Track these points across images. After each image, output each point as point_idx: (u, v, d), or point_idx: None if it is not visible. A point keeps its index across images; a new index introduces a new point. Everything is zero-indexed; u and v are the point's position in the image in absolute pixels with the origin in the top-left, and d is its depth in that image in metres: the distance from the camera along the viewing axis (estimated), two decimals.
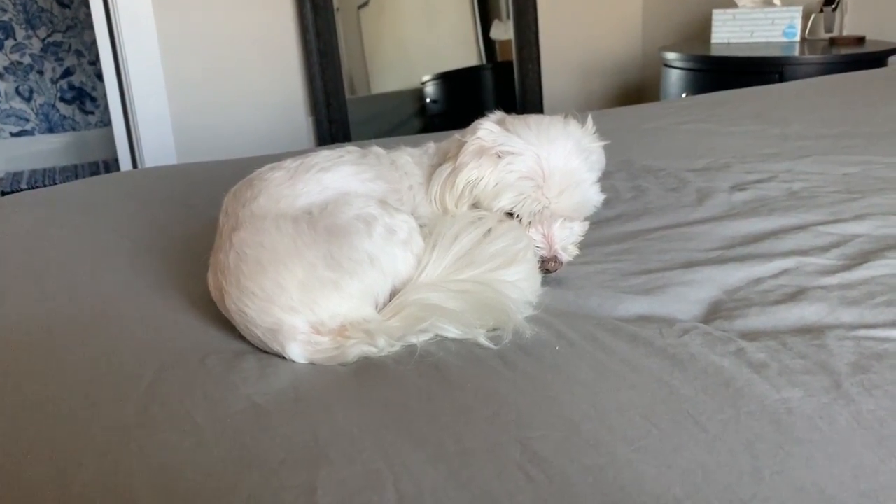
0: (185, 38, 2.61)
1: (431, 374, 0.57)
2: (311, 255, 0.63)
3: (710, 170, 1.12)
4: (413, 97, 4.22)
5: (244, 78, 2.72)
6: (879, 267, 0.74)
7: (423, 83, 4.07)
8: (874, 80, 1.78)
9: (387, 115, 4.22)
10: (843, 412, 0.50)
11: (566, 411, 0.51)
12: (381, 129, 4.23)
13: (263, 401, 0.54)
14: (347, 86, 3.21)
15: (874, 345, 0.59)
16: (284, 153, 2.69)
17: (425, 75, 4.12)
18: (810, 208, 0.92)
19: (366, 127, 4.09)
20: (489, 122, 0.75)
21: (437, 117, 4.10)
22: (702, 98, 1.69)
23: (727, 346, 0.60)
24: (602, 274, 0.76)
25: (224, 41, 2.66)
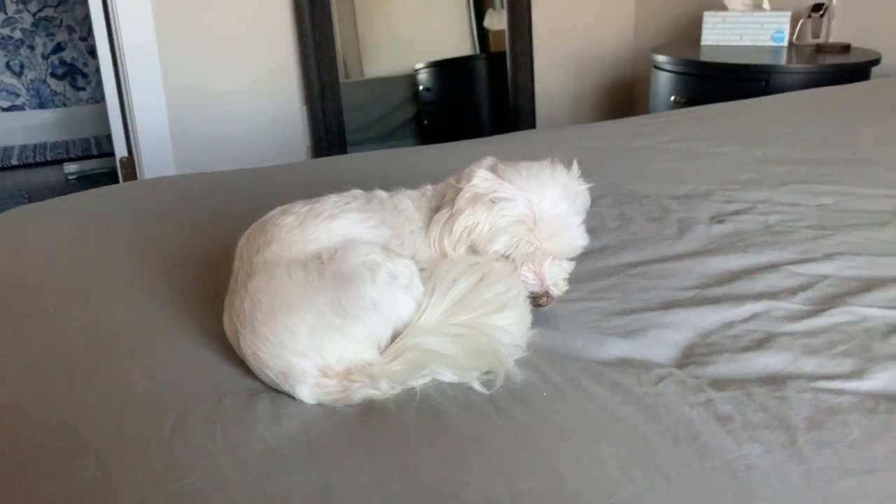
0: (181, 19, 2.62)
1: (430, 421, 0.63)
2: (319, 302, 0.68)
3: (692, 197, 1.18)
4: (406, 83, 4.24)
5: (240, 61, 2.74)
6: (841, 314, 0.80)
7: (417, 70, 4.09)
8: (855, 97, 1.84)
9: (380, 101, 4.25)
10: (796, 470, 0.56)
11: (552, 462, 0.57)
12: (374, 115, 4.26)
13: (279, 445, 0.60)
14: (341, 70, 3.23)
15: (829, 398, 0.66)
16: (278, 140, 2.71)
17: (419, 63, 4.14)
18: (784, 245, 0.99)
19: (359, 113, 4.12)
20: (482, 169, 0.80)
21: (430, 105, 4.13)
22: (689, 113, 1.75)
23: (697, 396, 0.66)
24: (587, 313, 0.82)
25: (220, 24, 2.68)
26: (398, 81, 4.26)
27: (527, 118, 3.43)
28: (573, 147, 1.48)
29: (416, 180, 1.23)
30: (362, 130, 4.25)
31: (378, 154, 1.53)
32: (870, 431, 0.61)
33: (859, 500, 0.53)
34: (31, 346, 0.78)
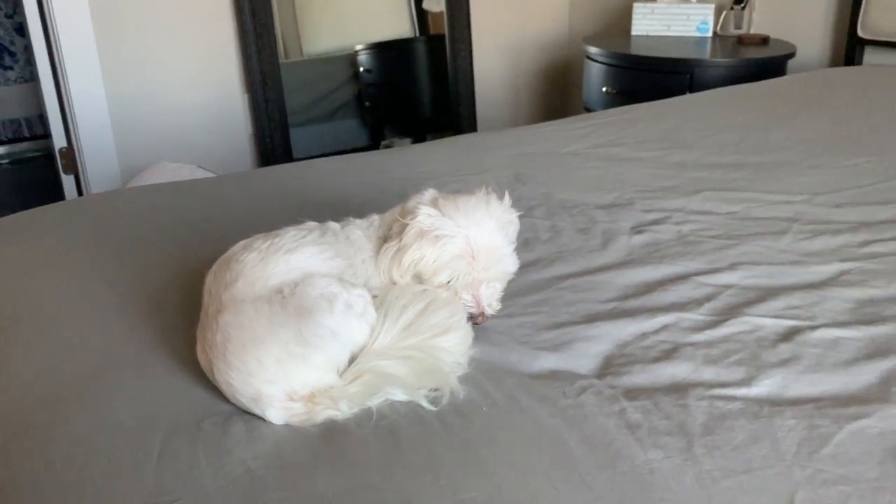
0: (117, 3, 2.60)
1: (386, 438, 0.73)
2: (284, 334, 0.77)
3: (616, 206, 1.30)
4: (346, 63, 4.26)
5: (179, 49, 2.76)
6: (738, 324, 0.93)
7: (357, 52, 4.12)
8: (769, 96, 1.99)
9: (321, 81, 4.26)
10: (690, 472, 0.68)
11: (490, 472, 0.68)
12: (315, 95, 4.27)
13: (255, 465, 0.69)
14: (280, 51, 3.24)
15: (722, 404, 0.78)
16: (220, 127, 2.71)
17: (359, 44, 4.16)
18: (694, 256, 1.11)
19: (300, 93, 4.13)
20: (425, 205, 0.89)
21: (371, 87, 4.16)
22: (617, 114, 1.86)
23: (613, 406, 0.78)
24: (521, 328, 0.93)
25: (158, 11, 2.67)
26: (338, 62, 4.28)
27: (467, 102, 3.51)
28: (509, 153, 1.59)
29: (365, 191, 1.32)
30: (304, 111, 4.27)
31: (325, 162, 1.60)
32: (752, 435, 0.73)
33: (738, 497, 0.65)
34: (12, 375, 0.85)
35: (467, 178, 1.45)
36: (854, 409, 0.77)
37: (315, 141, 4.37)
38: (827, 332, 0.90)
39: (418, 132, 4.07)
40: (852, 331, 0.91)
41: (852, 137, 1.64)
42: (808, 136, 1.65)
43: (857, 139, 1.63)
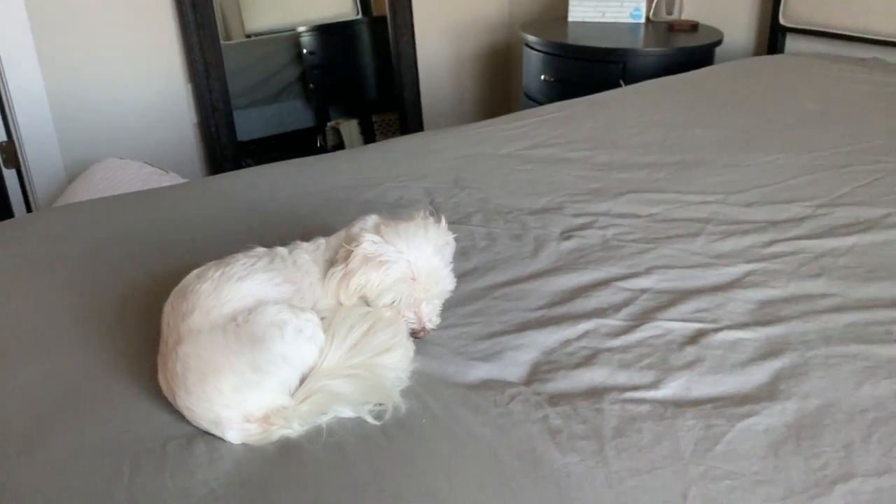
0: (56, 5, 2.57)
1: (335, 453, 0.81)
2: (239, 362, 0.84)
3: (547, 211, 1.39)
4: (289, 44, 4.25)
5: (119, 42, 2.74)
6: (651, 328, 1.03)
7: (300, 34, 4.11)
8: (693, 89, 2.10)
9: (263, 62, 4.24)
10: (600, 473, 0.78)
11: (428, 482, 0.77)
12: (259, 77, 4.25)
13: (217, 485, 0.77)
14: (221, 31, 3.23)
15: (633, 407, 0.89)
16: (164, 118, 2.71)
17: (301, 24, 4.15)
18: (616, 260, 1.22)
19: (243, 76, 4.12)
20: (369, 232, 0.96)
21: (315, 69, 4.17)
22: (552, 111, 1.95)
23: (537, 412, 0.87)
24: (458, 339, 1.02)
25: (96, 3, 2.64)
26: (281, 42, 4.27)
27: (411, 85, 3.56)
28: (449, 156, 1.67)
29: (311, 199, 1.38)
30: (248, 93, 4.26)
31: (271, 169, 1.65)
32: (656, 435, 0.84)
33: (640, 496, 0.76)
34: None
35: (408, 184, 1.52)
36: (746, 408, 0.88)
37: (260, 123, 4.36)
38: (728, 335, 1.02)
39: (364, 113, 4.11)
40: (751, 332, 1.02)
41: (766, 134, 1.76)
42: (725, 133, 1.76)
43: (770, 135, 1.75)
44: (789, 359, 0.96)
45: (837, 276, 1.16)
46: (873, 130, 1.75)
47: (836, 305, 1.08)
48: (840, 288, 1.12)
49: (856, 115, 1.87)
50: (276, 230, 1.29)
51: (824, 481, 0.77)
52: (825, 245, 1.24)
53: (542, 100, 2.73)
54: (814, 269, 1.17)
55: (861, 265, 1.18)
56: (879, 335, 1.00)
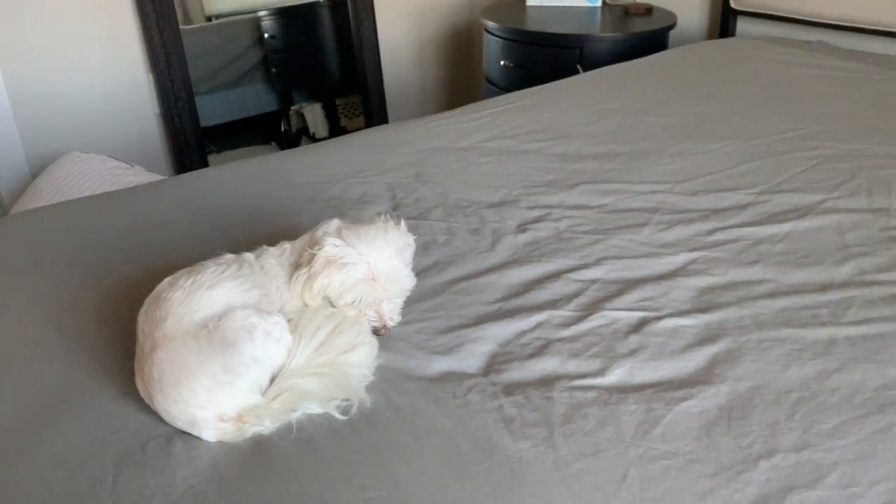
0: None
1: (304, 447, 0.88)
2: (211, 366, 0.90)
3: (504, 204, 1.46)
4: (250, 28, 4.24)
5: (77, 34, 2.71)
6: (599, 318, 1.11)
7: (260, 17, 4.10)
8: (646, 76, 2.17)
9: (224, 47, 4.23)
10: (549, 458, 0.86)
11: (393, 472, 0.84)
12: (221, 61, 4.24)
13: (196, 482, 0.83)
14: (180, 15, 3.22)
15: (580, 394, 0.96)
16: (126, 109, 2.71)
17: (261, 8, 4.13)
18: (568, 252, 1.28)
19: (204, 61, 4.10)
20: (331, 236, 1.02)
21: (277, 53, 4.16)
22: (510, 100, 2.01)
23: (493, 402, 0.94)
24: (419, 333, 1.08)
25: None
26: (242, 26, 4.25)
27: (373, 70, 3.58)
28: (410, 150, 1.72)
29: (276, 196, 1.43)
30: (210, 78, 4.24)
31: (235, 167, 1.68)
32: (601, 420, 0.91)
33: (584, 477, 0.83)
34: None
35: (371, 179, 1.57)
36: (683, 392, 0.96)
37: (223, 108, 4.35)
38: (670, 322, 1.09)
39: (327, 97, 4.12)
40: (690, 319, 1.10)
41: (714, 120, 1.84)
42: (675, 120, 1.84)
43: (717, 122, 1.83)
44: (725, 344, 1.04)
45: (773, 262, 1.24)
46: (815, 115, 1.84)
47: (770, 291, 1.16)
48: (775, 274, 1.21)
49: (799, 100, 1.96)
50: (244, 230, 1.34)
51: (750, 458, 0.85)
52: (763, 232, 1.33)
53: (502, 84, 2.78)
54: (752, 256, 1.26)
55: (795, 251, 1.27)
56: (807, 319, 1.09)
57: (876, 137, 1.69)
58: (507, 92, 2.60)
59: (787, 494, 0.80)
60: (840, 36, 2.39)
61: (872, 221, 1.35)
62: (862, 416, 0.90)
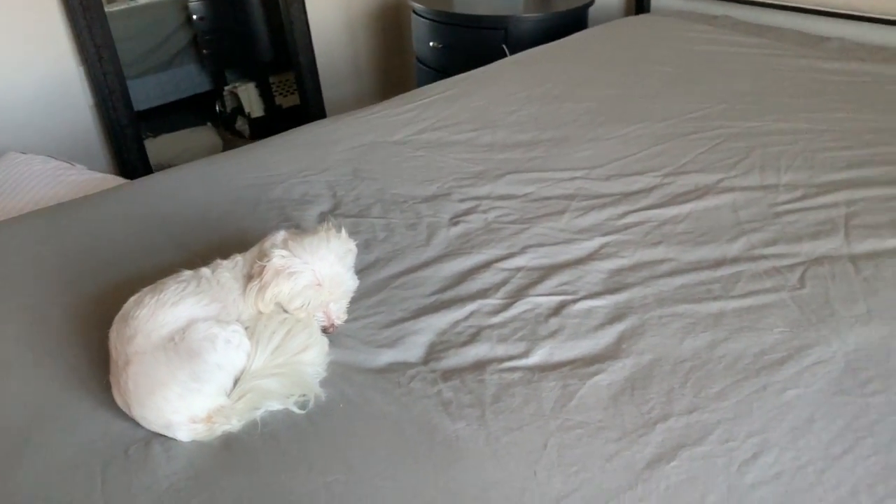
0: None
1: (269, 441, 1.00)
2: (181, 375, 1.01)
3: (437, 198, 1.58)
4: (177, 9, 4.20)
5: (3, 32, 2.69)
6: (523, 304, 1.25)
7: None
8: (564, 59, 2.30)
9: (153, 29, 4.19)
10: (482, 434, 1.00)
11: (348, 458, 0.97)
12: (150, 44, 4.20)
13: (176, 479, 0.95)
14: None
15: (508, 376, 1.11)
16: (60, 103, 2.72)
17: None
18: (496, 243, 1.42)
19: (133, 43, 4.07)
20: (278, 247, 1.13)
21: (206, 34, 4.15)
22: (438, 91, 2.11)
23: (433, 388, 1.08)
24: (365, 329, 1.21)
25: None
26: (168, 7, 4.21)
27: (305, 47, 3.62)
28: (347, 146, 1.82)
29: (221, 201, 1.52)
30: (140, 61, 4.21)
31: (179, 173, 1.76)
32: (525, 398, 1.06)
33: (512, 449, 0.98)
34: None
35: (311, 178, 1.67)
36: (594, 367, 1.11)
37: (156, 91, 4.33)
38: (584, 304, 1.24)
39: (260, 75, 4.14)
40: (602, 300, 1.25)
41: (626, 104, 1.99)
42: (591, 105, 1.98)
43: (629, 105, 1.98)
44: (630, 322, 1.20)
45: (675, 242, 1.40)
46: (718, 94, 2.00)
47: (671, 270, 1.32)
48: (676, 253, 1.37)
49: (705, 78, 2.12)
50: (196, 238, 1.44)
51: (649, 422, 1.01)
52: (667, 213, 1.49)
53: (433, 65, 2.87)
54: (656, 238, 1.41)
55: (694, 230, 1.43)
56: (702, 294, 1.25)
57: (771, 115, 1.86)
58: (438, 72, 2.72)
59: (679, 452, 0.96)
60: (748, 10, 2.56)
61: (763, 198, 1.52)
62: (742, 379, 1.07)
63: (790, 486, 0.90)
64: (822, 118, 1.83)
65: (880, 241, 1.35)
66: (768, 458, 0.94)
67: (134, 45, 4.05)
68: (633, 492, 0.91)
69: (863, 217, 1.43)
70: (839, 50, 2.26)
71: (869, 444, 0.95)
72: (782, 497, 0.89)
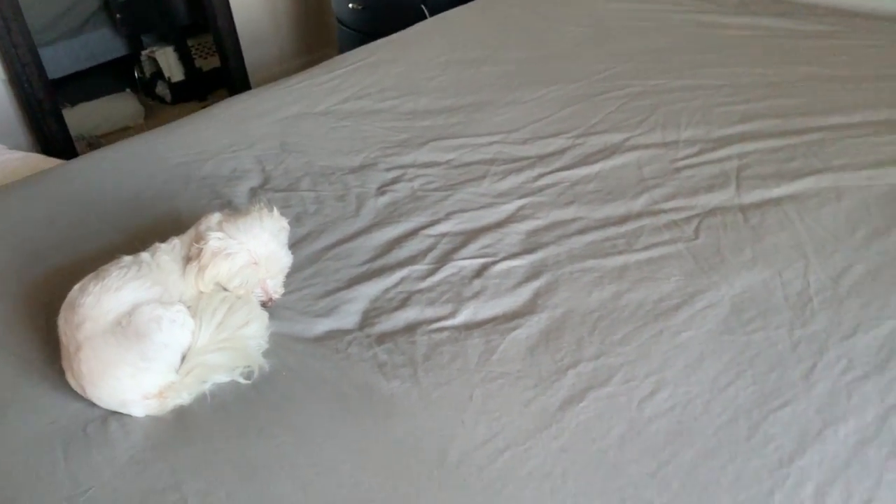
0: None
1: (219, 410, 1.09)
2: (130, 356, 1.09)
3: (364, 168, 1.66)
4: None
5: None
6: (449, 269, 1.35)
7: None
8: (480, 19, 2.37)
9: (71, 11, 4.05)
10: (415, 391, 1.11)
11: (293, 422, 1.07)
12: (59, 8, 4.07)
13: (135, 451, 1.03)
14: None
15: (437, 335, 1.21)
16: None
17: None
18: (422, 210, 1.51)
19: (42, 8, 3.93)
20: (213, 230, 1.20)
21: (122, 10, 4.03)
22: (360, 58, 2.16)
23: (369, 352, 1.18)
24: (302, 300, 1.30)
25: None
26: None
27: (222, 8, 3.57)
28: (273, 119, 1.87)
29: (152, 182, 1.56)
30: (51, 27, 4.07)
31: (108, 153, 1.78)
32: (453, 355, 1.17)
33: (442, 402, 1.09)
34: None
35: (239, 153, 1.72)
36: (514, 323, 1.23)
37: (69, 58, 4.20)
38: (504, 265, 1.36)
39: (178, 39, 4.05)
40: (520, 260, 1.37)
41: (540, 66, 2.08)
42: (508, 68, 2.07)
43: (543, 67, 2.07)
44: (545, 279, 1.32)
45: (585, 201, 1.52)
46: (626, 53, 2.12)
47: (582, 228, 1.44)
48: (586, 212, 1.49)
49: (614, 37, 2.23)
50: (132, 220, 1.48)
51: (562, 369, 1.14)
52: (578, 174, 1.60)
53: (354, 26, 2.90)
54: (569, 198, 1.53)
55: (602, 189, 1.55)
56: (608, 249, 1.38)
57: (674, 72, 1.99)
58: (358, 32, 2.75)
59: (587, 393, 1.09)
60: None
61: (664, 154, 1.65)
62: (642, 325, 1.20)
63: (682, 417, 1.05)
64: (719, 73, 1.96)
65: (767, 191, 1.50)
66: (664, 394, 1.08)
67: (43, 9, 3.90)
68: (549, 431, 1.04)
69: (753, 168, 1.58)
70: (738, 4, 2.40)
71: (748, 376, 1.10)
72: (675, 427, 1.03)
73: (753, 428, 1.02)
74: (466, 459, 1.00)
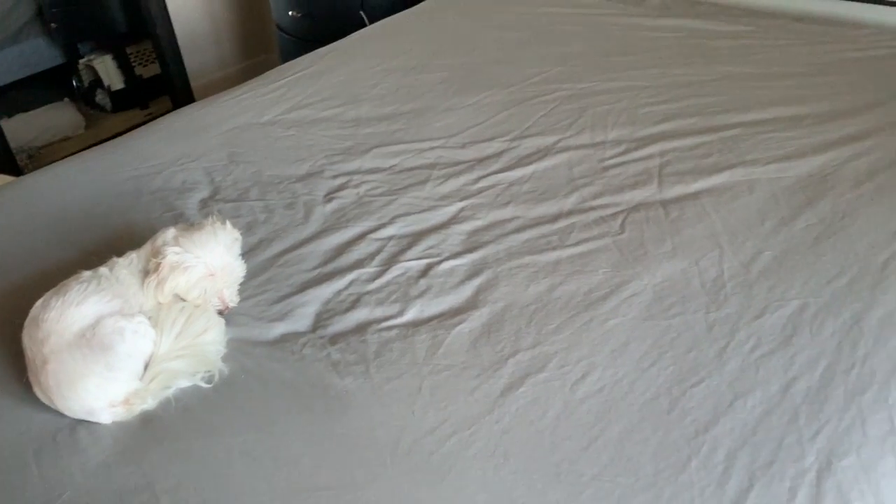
0: None
1: (184, 414, 1.16)
2: (96, 367, 1.15)
3: (311, 176, 1.73)
4: None
5: None
6: (396, 270, 1.44)
7: None
8: (417, 27, 2.46)
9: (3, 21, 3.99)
10: (367, 386, 1.20)
11: (254, 420, 1.15)
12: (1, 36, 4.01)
13: (105, 455, 1.09)
14: None
15: (386, 333, 1.30)
16: None
17: None
18: (369, 215, 1.60)
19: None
20: (170, 244, 1.26)
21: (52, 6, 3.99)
22: (302, 67, 2.23)
23: (323, 352, 1.27)
24: (257, 306, 1.37)
25: None
26: None
27: (161, 15, 3.58)
28: (220, 131, 1.92)
29: (103, 197, 1.60)
30: None
31: (57, 170, 1.81)
32: (402, 351, 1.26)
33: (393, 395, 1.18)
34: None
35: (188, 166, 1.78)
36: (458, 318, 1.33)
37: (4, 68, 4.14)
38: (447, 264, 1.45)
39: (116, 46, 4.04)
40: (462, 259, 1.46)
41: (476, 72, 2.18)
42: (445, 74, 2.16)
43: (479, 73, 2.17)
44: (486, 276, 1.42)
45: (521, 201, 1.63)
46: (555, 57, 2.23)
47: (519, 226, 1.55)
48: (522, 211, 1.59)
49: (544, 42, 2.34)
50: (86, 234, 1.53)
51: (502, 359, 1.24)
52: (514, 175, 1.71)
53: (295, 33, 2.95)
54: (506, 199, 1.64)
55: (537, 189, 1.66)
56: (543, 245, 1.49)
57: (601, 75, 2.11)
58: (298, 39, 2.80)
59: (525, 379, 1.20)
60: None
61: (593, 155, 1.77)
62: (574, 315, 1.31)
63: (610, 397, 1.16)
64: (642, 75, 2.09)
65: (686, 186, 1.63)
66: (594, 376, 1.19)
67: None
68: (491, 416, 1.14)
69: (674, 165, 1.71)
70: (659, 7, 2.54)
71: (669, 357, 1.22)
72: (604, 405, 1.15)
73: (673, 403, 1.14)
74: (417, 446, 1.09)
